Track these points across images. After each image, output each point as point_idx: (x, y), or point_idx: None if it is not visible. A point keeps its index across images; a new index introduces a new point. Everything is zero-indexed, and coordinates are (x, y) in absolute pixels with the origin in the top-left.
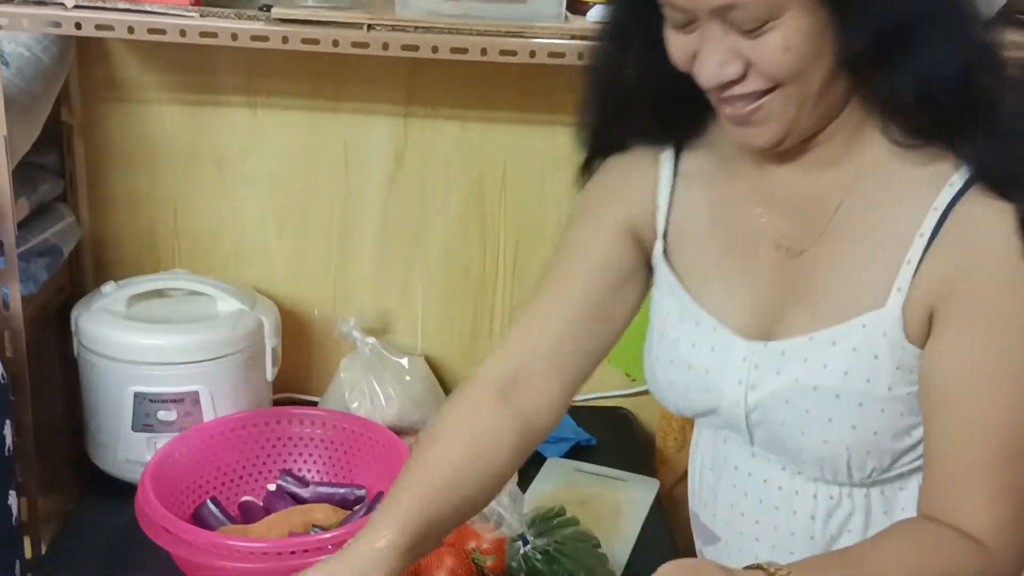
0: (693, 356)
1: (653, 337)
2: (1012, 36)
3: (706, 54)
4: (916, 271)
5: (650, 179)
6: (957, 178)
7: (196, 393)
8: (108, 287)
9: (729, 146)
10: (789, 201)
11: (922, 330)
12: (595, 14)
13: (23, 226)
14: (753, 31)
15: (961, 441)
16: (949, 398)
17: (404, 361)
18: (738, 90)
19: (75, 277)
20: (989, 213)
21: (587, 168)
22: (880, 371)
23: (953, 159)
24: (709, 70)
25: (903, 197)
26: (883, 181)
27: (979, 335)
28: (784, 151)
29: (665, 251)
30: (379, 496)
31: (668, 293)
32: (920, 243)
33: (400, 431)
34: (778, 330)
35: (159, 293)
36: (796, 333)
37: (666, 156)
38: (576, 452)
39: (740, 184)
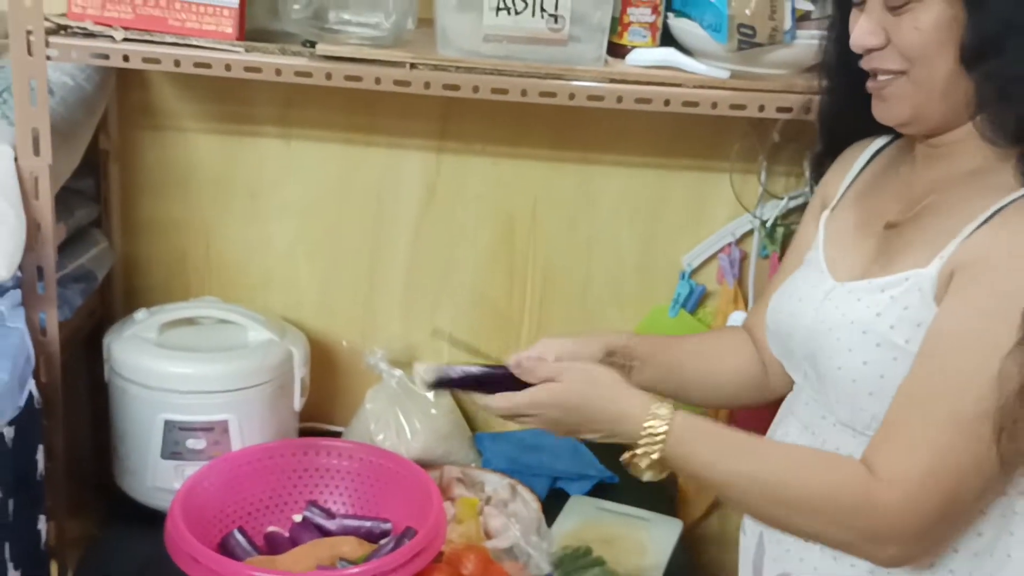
0: (795, 286)
1: (785, 277)
2: None
3: (860, 22)
4: (958, 247)
5: (849, 164)
6: None
7: (225, 422)
8: (140, 314)
9: (903, 144)
10: (909, 192)
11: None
12: (634, 58)
13: (60, 251)
14: (898, 8)
15: (915, 392)
16: (924, 352)
17: (430, 394)
18: (876, 61)
19: (106, 302)
20: None
21: (819, 162)
22: (904, 322)
23: None
24: (858, 33)
25: (980, 194)
26: (971, 180)
27: (968, 304)
28: (923, 145)
29: (828, 217)
30: (407, 531)
31: (812, 247)
32: (971, 227)
33: (425, 464)
34: (856, 277)
35: (190, 321)
36: (865, 278)
37: (873, 146)
38: (599, 490)
39: (892, 176)
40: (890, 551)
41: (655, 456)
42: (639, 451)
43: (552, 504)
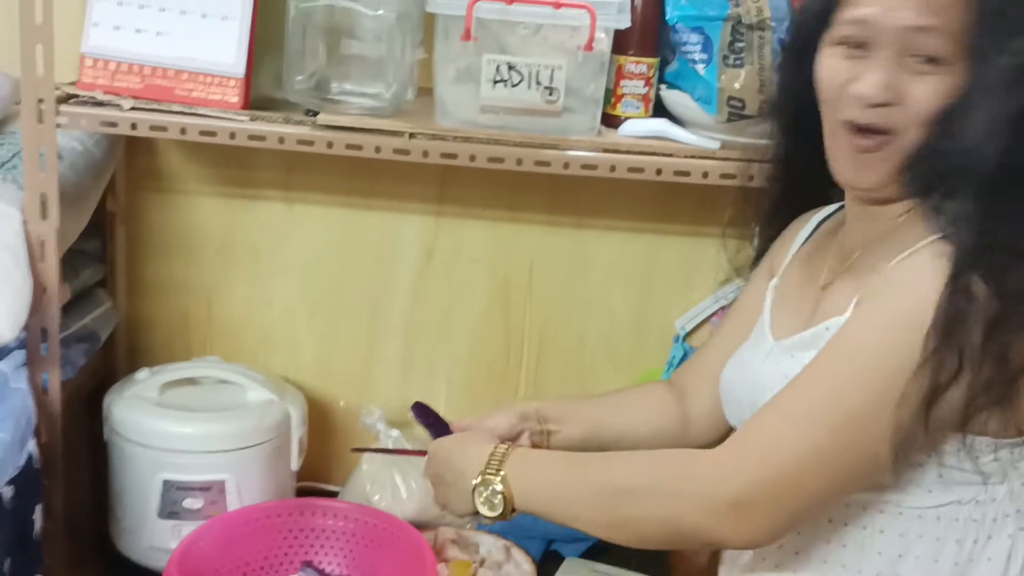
0: (742, 354)
1: (721, 340)
2: None
3: (872, 72)
4: (867, 282)
5: (794, 235)
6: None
7: (223, 482)
8: (142, 373)
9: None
10: (840, 252)
11: None
12: (627, 128)
13: (65, 311)
14: (922, 65)
15: (790, 388)
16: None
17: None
18: (875, 117)
19: (108, 361)
20: (934, 250)
21: (766, 236)
22: None
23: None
24: (872, 81)
25: (898, 246)
26: (892, 235)
27: (861, 316)
28: (859, 207)
29: (775, 287)
30: None
31: (759, 315)
32: (884, 268)
33: (421, 526)
34: (791, 334)
35: (191, 380)
36: (797, 333)
37: (818, 217)
38: (593, 552)
39: (831, 240)
40: (727, 521)
41: (498, 480)
42: (483, 477)
43: (547, 566)
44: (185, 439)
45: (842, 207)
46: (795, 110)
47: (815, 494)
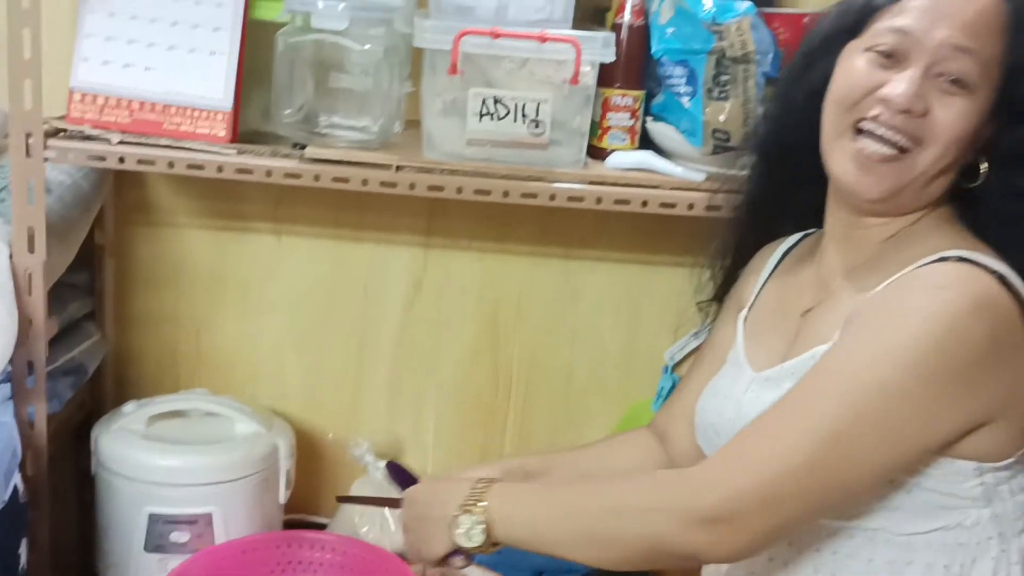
0: (719, 385)
1: (696, 377)
2: None
3: (906, 80)
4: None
5: (761, 266)
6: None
7: (209, 515)
8: (129, 406)
9: (811, 240)
10: (820, 279)
11: None
12: (613, 161)
13: (52, 344)
14: (950, 86)
15: (771, 409)
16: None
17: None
18: (899, 122)
19: (96, 394)
20: (933, 266)
21: (731, 271)
22: None
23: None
24: (905, 89)
25: (882, 273)
26: (876, 262)
27: (846, 342)
28: (844, 227)
29: (745, 318)
30: None
31: (733, 348)
32: (868, 295)
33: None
34: (772, 365)
35: (178, 413)
36: (779, 364)
37: (783, 247)
38: None
39: (804, 267)
40: (704, 535)
41: (479, 509)
42: (464, 508)
43: None
44: (171, 472)
45: (807, 235)
46: (782, 134)
47: (794, 512)
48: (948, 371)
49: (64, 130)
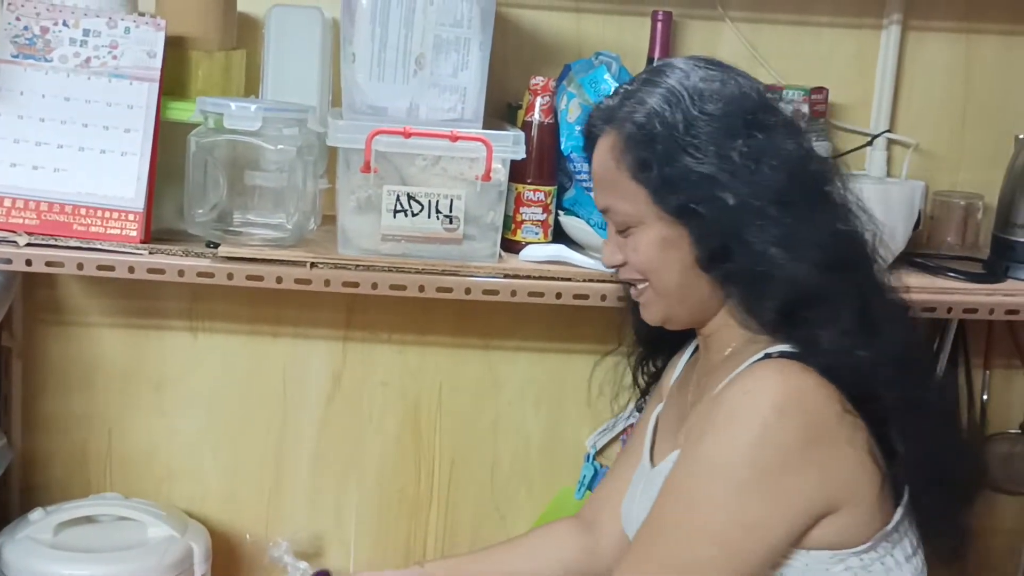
0: (632, 489)
1: (617, 471)
2: (911, 279)
3: (606, 243)
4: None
5: (676, 363)
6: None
7: None
8: (35, 514)
9: None
10: (696, 378)
11: None
12: (527, 254)
13: None
14: (624, 231)
15: (636, 537)
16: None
17: None
18: (623, 274)
19: (1, 501)
20: (752, 368)
21: (652, 371)
22: None
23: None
24: (605, 253)
25: (728, 371)
26: (727, 362)
27: (686, 455)
28: (699, 336)
29: (659, 412)
30: None
31: (648, 441)
32: (711, 394)
33: None
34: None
35: (88, 519)
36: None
37: (692, 347)
38: None
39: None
40: None
41: None
42: None
43: None
44: None
45: None
46: None
47: None
48: (763, 475)
49: None
